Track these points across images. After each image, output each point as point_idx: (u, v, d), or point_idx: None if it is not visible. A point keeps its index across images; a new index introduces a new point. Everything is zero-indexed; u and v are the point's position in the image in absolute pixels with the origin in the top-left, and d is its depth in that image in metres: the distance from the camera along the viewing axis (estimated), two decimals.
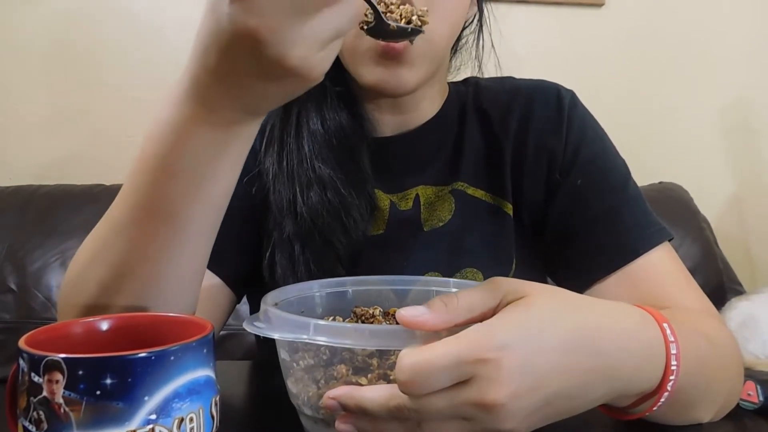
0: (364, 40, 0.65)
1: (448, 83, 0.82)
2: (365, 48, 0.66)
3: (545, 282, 0.60)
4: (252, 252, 0.75)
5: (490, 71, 0.83)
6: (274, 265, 0.73)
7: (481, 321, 0.41)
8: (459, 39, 0.80)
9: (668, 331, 0.47)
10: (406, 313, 0.42)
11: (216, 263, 0.69)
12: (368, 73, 0.68)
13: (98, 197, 1.50)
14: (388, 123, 0.77)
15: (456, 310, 0.42)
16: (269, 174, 0.73)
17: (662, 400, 0.48)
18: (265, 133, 0.75)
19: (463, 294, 0.43)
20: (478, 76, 0.83)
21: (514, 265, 0.74)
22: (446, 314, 0.42)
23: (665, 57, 1.96)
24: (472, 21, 0.80)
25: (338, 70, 0.72)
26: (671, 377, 0.47)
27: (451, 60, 0.82)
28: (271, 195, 0.73)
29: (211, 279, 0.70)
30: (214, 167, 0.47)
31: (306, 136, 0.73)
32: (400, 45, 0.65)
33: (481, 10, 0.79)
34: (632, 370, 0.46)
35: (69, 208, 1.49)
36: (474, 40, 0.81)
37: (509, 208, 0.75)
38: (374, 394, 0.42)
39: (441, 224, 0.75)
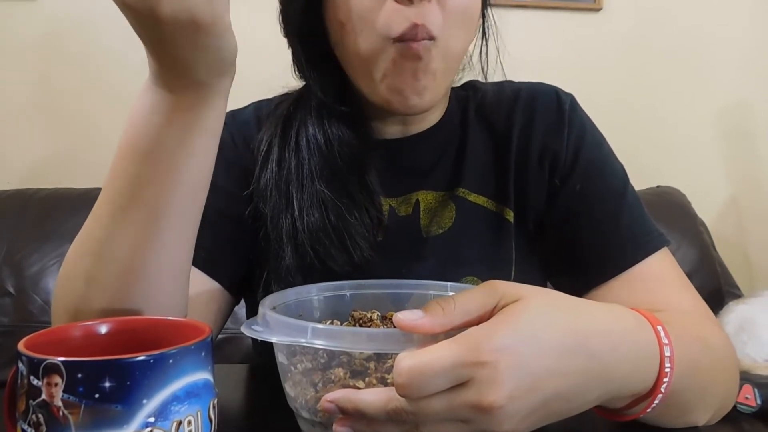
0: (382, 53, 0.63)
1: None
2: (382, 62, 0.64)
3: (545, 287, 0.60)
4: (249, 256, 0.74)
5: (491, 77, 0.82)
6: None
7: (478, 324, 0.42)
8: None
9: (662, 334, 0.48)
10: (403, 316, 0.42)
11: (213, 267, 0.69)
12: (381, 90, 0.65)
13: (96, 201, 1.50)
14: (391, 133, 0.76)
15: (453, 313, 0.42)
16: (266, 200, 0.71)
17: (656, 401, 0.48)
18: (261, 149, 0.74)
19: (459, 297, 0.43)
20: (479, 80, 0.82)
21: (513, 273, 0.74)
22: (443, 317, 0.42)
23: (663, 61, 1.97)
24: (476, 30, 0.77)
25: (339, 85, 0.72)
26: (665, 379, 0.47)
27: None
28: (268, 223, 0.71)
29: (208, 283, 0.70)
30: (187, 150, 0.50)
31: (306, 152, 0.71)
32: (419, 47, 0.62)
33: (484, 19, 0.77)
34: (626, 372, 0.46)
35: (67, 212, 1.49)
36: (476, 49, 0.80)
37: (510, 215, 0.74)
38: (372, 397, 0.42)
39: (441, 231, 0.74)
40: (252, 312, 0.81)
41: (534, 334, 0.41)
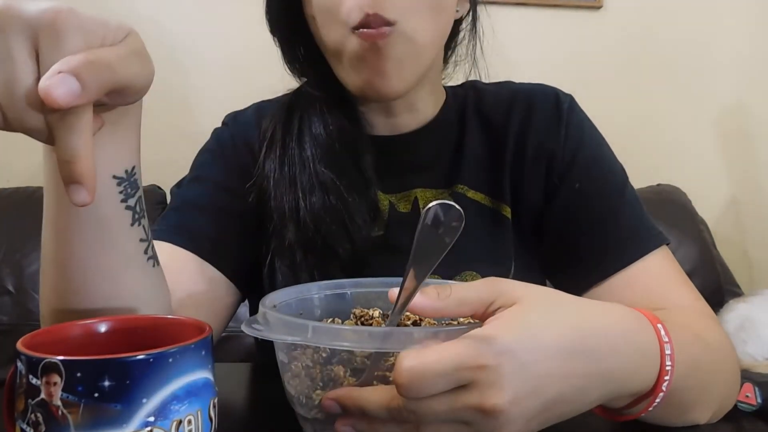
0: (346, 43, 0.65)
1: (446, 87, 0.82)
2: (347, 52, 0.66)
3: (544, 285, 0.61)
4: (254, 249, 0.75)
5: (489, 73, 0.82)
6: (275, 273, 0.73)
7: (471, 316, 0.42)
8: (456, 35, 0.79)
9: (662, 332, 0.48)
10: (396, 291, 0.43)
11: (218, 258, 0.71)
12: (353, 78, 0.68)
13: None
14: (382, 125, 0.77)
15: (447, 300, 0.43)
16: (270, 180, 0.73)
17: (657, 400, 0.48)
18: (265, 138, 0.76)
19: (457, 286, 0.43)
20: (474, 75, 0.82)
21: (512, 269, 0.74)
22: (437, 301, 0.43)
23: (663, 60, 1.97)
24: (467, 16, 0.77)
25: (327, 79, 0.73)
26: (666, 378, 0.47)
27: (447, 58, 0.80)
28: (272, 201, 0.73)
29: (213, 274, 0.71)
30: None
31: (308, 141, 0.73)
32: (377, 32, 0.63)
33: (474, 5, 0.77)
34: (627, 372, 0.46)
35: None
36: (470, 37, 0.79)
37: (508, 212, 0.75)
38: (374, 394, 0.42)
39: None
40: (255, 311, 0.81)
41: (536, 337, 0.41)
